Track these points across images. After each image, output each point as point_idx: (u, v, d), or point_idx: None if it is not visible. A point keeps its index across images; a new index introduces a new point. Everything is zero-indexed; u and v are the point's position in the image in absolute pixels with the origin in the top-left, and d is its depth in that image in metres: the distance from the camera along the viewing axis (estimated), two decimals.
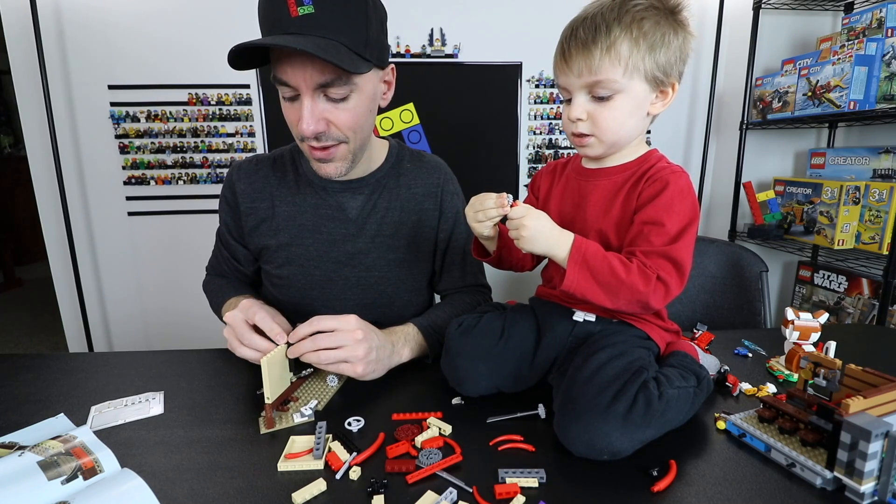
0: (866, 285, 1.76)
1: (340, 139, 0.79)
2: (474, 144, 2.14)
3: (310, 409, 0.64)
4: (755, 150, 2.12)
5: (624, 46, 0.61)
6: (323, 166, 0.82)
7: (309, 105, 0.74)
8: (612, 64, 0.61)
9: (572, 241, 0.61)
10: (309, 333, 0.67)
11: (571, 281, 0.60)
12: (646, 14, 0.61)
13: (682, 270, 0.62)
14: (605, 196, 0.69)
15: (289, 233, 0.91)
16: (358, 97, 0.77)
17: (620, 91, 0.63)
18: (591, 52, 0.61)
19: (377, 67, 0.79)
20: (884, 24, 1.63)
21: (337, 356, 0.67)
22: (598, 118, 0.65)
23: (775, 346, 0.84)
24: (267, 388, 0.61)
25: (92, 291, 2.05)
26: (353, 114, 0.77)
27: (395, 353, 0.76)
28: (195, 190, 2.02)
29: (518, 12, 2.00)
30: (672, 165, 0.68)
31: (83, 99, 1.91)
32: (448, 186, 0.97)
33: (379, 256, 0.92)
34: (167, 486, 0.51)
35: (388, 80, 0.85)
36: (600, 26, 0.61)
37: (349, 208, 0.91)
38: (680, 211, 0.63)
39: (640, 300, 0.61)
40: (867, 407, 0.49)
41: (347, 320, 0.70)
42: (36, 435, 0.61)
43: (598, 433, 0.53)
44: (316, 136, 0.77)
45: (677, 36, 0.63)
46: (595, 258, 0.61)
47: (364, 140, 0.84)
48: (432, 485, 0.51)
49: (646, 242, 0.62)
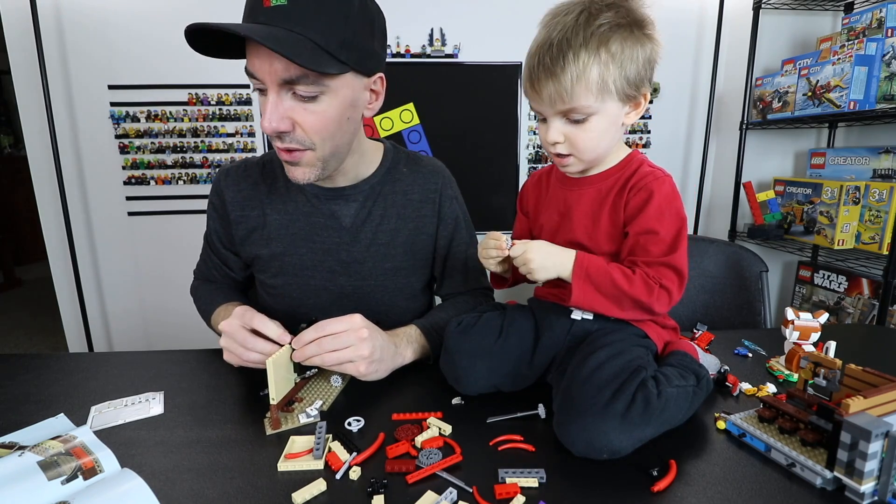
0: (866, 285, 1.76)
1: (306, 144, 0.74)
2: (474, 144, 2.14)
3: (315, 409, 0.64)
4: (755, 150, 2.12)
5: (594, 72, 0.60)
6: (290, 169, 0.78)
7: (273, 100, 0.70)
8: (583, 91, 0.61)
9: (574, 258, 0.64)
10: (315, 338, 0.67)
11: (577, 297, 0.63)
12: (611, 34, 0.60)
13: (683, 276, 0.65)
14: (591, 205, 0.70)
15: (282, 242, 0.89)
16: (329, 100, 0.72)
17: (594, 113, 0.63)
18: (560, 81, 0.61)
19: (357, 72, 0.73)
20: (884, 24, 1.63)
21: (341, 357, 0.67)
22: (574, 140, 0.65)
23: (775, 346, 0.84)
24: (272, 389, 0.61)
25: (92, 291, 2.05)
26: (321, 118, 0.72)
27: (398, 354, 0.75)
28: (195, 190, 2.02)
29: (518, 12, 2.01)
30: (654, 170, 0.68)
31: (83, 99, 1.91)
32: (447, 191, 0.95)
33: (375, 265, 0.90)
34: (167, 486, 0.51)
35: (375, 89, 0.79)
36: (567, 53, 0.60)
37: (343, 216, 0.89)
38: (670, 216, 0.65)
39: (644, 308, 0.64)
40: (867, 407, 0.48)
41: (353, 320, 0.69)
42: (36, 435, 0.61)
43: (597, 432, 0.53)
44: (279, 136, 0.73)
45: (644, 49, 0.62)
46: (598, 273, 0.63)
47: (337, 149, 0.78)
48: (432, 485, 0.51)
49: (644, 253, 0.65)
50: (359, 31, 0.71)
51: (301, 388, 0.71)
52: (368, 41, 0.74)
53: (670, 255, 0.64)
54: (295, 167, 0.77)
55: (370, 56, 0.75)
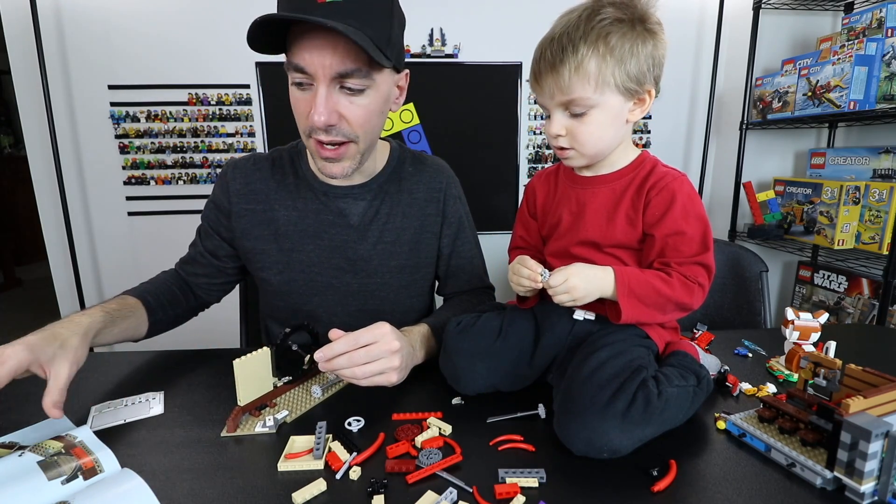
0: (866, 285, 1.76)
1: (350, 137, 0.76)
2: (474, 144, 2.14)
3: (275, 419, 0.62)
4: (755, 150, 2.12)
5: (591, 64, 0.61)
6: (329, 165, 0.79)
7: (324, 93, 0.71)
8: (581, 82, 0.62)
9: (614, 276, 0.63)
10: (345, 350, 0.64)
11: (628, 315, 0.62)
12: (611, 28, 0.61)
13: (713, 272, 0.67)
14: (606, 204, 0.70)
15: (290, 238, 0.89)
16: (374, 95, 0.75)
17: (594, 106, 0.64)
18: (559, 72, 0.62)
19: (395, 69, 0.78)
20: (884, 24, 1.63)
21: (373, 369, 0.64)
22: (576, 133, 0.66)
23: (775, 346, 0.84)
24: (239, 391, 0.61)
25: (92, 291, 2.05)
26: (366, 111, 0.75)
27: (414, 355, 0.74)
28: (195, 190, 2.02)
29: (518, 12, 2.01)
30: (671, 171, 0.69)
31: (83, 99, 1.91)
32: (451, 191, 0.95)
33: (381, 263, 0.91)
34: (167, 486, 0.51)
35: (401, 84, 0.83)
36: (567, 46, 0.61)
37: (351, 214, 0.89)
38: (695, 215, 0.66)
39: (686, 308, 0.66)
40: (867, 407, 0.49)
41: (382, 330, 0.66)
42: (36, 435, 0.61)
43: (598, 431, 0.53)
44: (326, 129, 0.74)
45: (646, 44, 0.62)
46: (640, 285, 0.63)
47: (372, 142, 0.82)
48: (432, 485, 0.51)
49: (676, 253, 0.65)
50: (397, 28, 0.75)
51: (279, 395, 0.69)
52: (401, 39, 0.78)
53: (703, 255, 0.65)
54: (335, 164, 0.79)
55: (403, 54, 0.79)
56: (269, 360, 0.66)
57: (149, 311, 0.86)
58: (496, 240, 2.08)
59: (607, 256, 0.70)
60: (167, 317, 0.90)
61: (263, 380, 0.66)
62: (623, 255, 0.70)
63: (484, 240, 1.06)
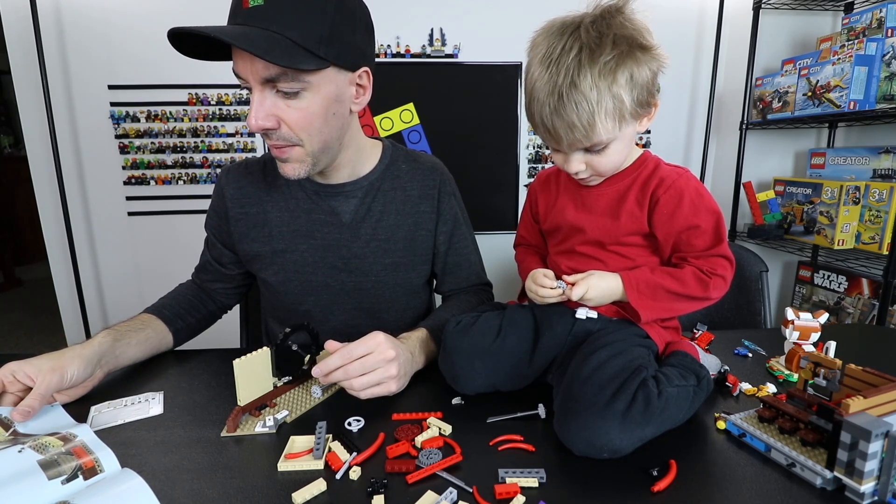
0: (866, 285, 1.76)
1: (293, 140, 0.75)
2: (474, 144, 2.14)
3: (275, 419, 0.62)
4: (755, 150, 2.12)
5: (609, 107, 0.60)
6: (281, 165, 0.79)
7: (258, 99, 0.71)
8: (601, 128, 0.61)
9: (622, 282, 0.67)
10: (340, 365, 0.65)
11: (646, 314, 0.66)
12: (617, 65, 0.59)
13: (733, 261, 0.68)
14: (610, 204, 0.71)
15: (283, 239, 0.89)
16: (311, 96, 0.73)
17: (614, 139, 0.64)
18: (577, 127, 0.61)
19: (339, 67, 0.74)
20: (884, 24, 1.63)
21: (370, 380, 0.65)
22: (597, 165, 0.67)
23: (775, 346, 0.84)
24: (238, 391, 0.61)
25: (92, 292, 2.05)
26: (304, 113, 0.73)
27: (414, 361, 0.74)
28: (195, 190, 2.02)
29: (518, 12, 2.01)
30: (675, 168, 0.70)
31: (83, 99, 1.91)
32: (445, 188, 0.95)
33: (375, 261, 0.91)
34: (167, 486, 0.51)
35: (361, 83, 0.80)
36: (580, 103, 0.59)
37: (342, 212, 0.89)
38: (705, 208, 0.67)
39: (702, 300, 0.68)
40: (867, 407, 0.48)
41: (376, 340, 0.67)
42: (34, 424, 0.61)
43: (598, 431, 0.53)
44: (266, 133, 0.74)
45: (651, 66, 0.62)
46: (648, 286, 0.66)
47: (326, 144, 0.79)
48: (432, 485, 0.51)
49: (691, 248, 0.68)
50: (338, 25, 0.72)
51: (279, 395, 0.69)
52: (349, 36, 0.74)
53: (718, 246, 0.67)
54: (285, 163, 0.79)
55: (352, 50, 0.75)
56: (269, 360, 0.67)
57: (166, 321, 0.87)
58: (496, 240, 2.08)
59: (612, 254, 0.71)
60: (187, 324, 0.92)
61: (263, 380, 0.66)
62: (628, 251, 0.71)
63: (484, 240, 1.06)
